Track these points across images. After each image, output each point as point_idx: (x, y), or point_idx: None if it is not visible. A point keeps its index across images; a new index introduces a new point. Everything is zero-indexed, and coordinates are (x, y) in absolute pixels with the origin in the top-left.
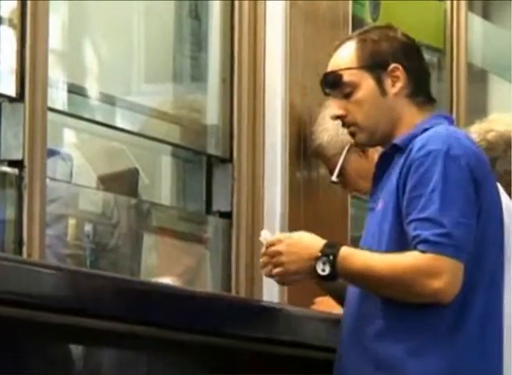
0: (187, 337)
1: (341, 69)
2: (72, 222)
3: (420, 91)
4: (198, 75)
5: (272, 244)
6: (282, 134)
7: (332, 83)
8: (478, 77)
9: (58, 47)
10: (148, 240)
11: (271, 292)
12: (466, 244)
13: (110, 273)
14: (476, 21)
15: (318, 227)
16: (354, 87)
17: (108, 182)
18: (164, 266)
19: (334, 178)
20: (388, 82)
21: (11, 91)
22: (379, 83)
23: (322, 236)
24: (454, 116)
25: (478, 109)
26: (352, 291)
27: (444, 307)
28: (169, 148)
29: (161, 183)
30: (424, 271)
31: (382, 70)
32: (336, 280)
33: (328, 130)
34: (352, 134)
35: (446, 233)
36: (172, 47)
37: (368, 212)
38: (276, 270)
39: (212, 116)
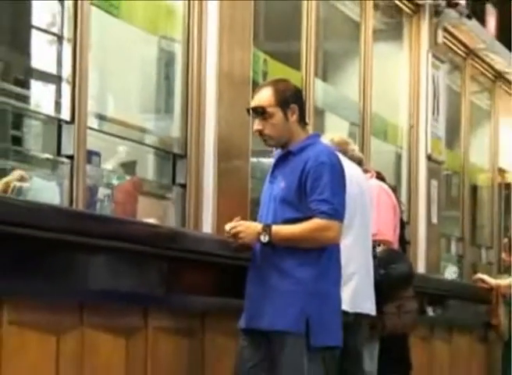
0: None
1: (266, 105)
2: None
3: (303, 118)
4: None
5: (234, 227)
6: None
7: (258, 112)
8: (319, 115)
9: None
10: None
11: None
12: (343, 213)
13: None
14: (319, 84)
15: (230, 192)
16: (271, 115)
17: None
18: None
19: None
20: (289, 113)
21: None
22: (285, 114)
23: (234, 198)
24: None
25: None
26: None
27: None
28: None
29: (147, 164)
30: (324, 228)
31: (287, 107)
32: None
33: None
34: (264, 140)
35: (335, 208)
36: None
37: (267, 183)
38: (239, 241)
39: None
